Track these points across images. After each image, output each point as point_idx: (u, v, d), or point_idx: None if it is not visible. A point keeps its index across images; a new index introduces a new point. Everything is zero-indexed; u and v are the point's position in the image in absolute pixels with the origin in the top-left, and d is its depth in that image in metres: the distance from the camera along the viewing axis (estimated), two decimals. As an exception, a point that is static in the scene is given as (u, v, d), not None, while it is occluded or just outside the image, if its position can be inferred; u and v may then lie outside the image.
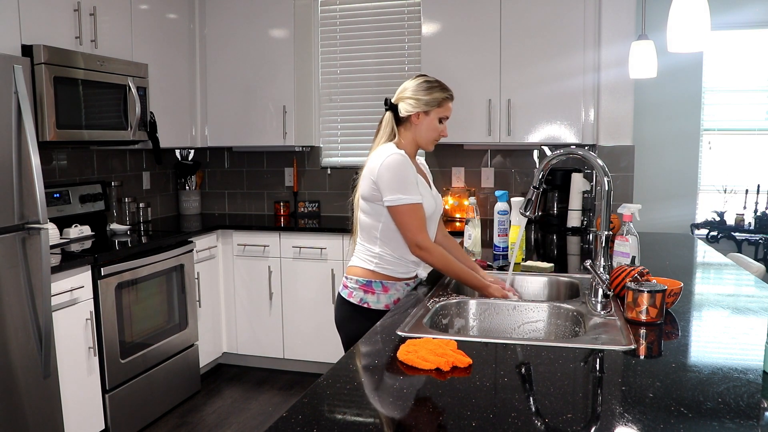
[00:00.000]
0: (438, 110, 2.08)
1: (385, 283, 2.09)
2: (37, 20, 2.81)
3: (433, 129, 2.10)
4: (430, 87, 2.08)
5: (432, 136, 2.12)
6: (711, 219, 4.41)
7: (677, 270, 2.40)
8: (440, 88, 2.09)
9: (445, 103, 2.09)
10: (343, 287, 2.15)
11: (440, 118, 2.10)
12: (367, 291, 2.09)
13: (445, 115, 2.11)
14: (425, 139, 2.12)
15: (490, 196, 4.04)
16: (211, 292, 3.85)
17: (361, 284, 2.09)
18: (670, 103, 4.43)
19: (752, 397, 1.16)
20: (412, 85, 2.09)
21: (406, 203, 1.98)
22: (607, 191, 1.77)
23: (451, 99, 2.11)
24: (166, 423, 3.28)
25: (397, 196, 1.97)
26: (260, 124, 4.07)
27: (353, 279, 2.11)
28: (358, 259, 2.13)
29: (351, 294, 2.10)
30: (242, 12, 4.04)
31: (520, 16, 3.56)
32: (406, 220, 1.99)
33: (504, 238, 2.54)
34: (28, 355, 2.44)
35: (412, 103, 2.07)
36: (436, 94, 2.07)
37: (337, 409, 1.19)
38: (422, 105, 2.06)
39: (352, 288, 2.11)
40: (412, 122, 2.09)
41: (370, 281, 2.09)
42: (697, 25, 1.73)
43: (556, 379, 1.28)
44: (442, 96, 2.08)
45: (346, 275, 2.15)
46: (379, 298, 2.08)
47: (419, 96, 2.07)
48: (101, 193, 3.61)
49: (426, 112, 2.08)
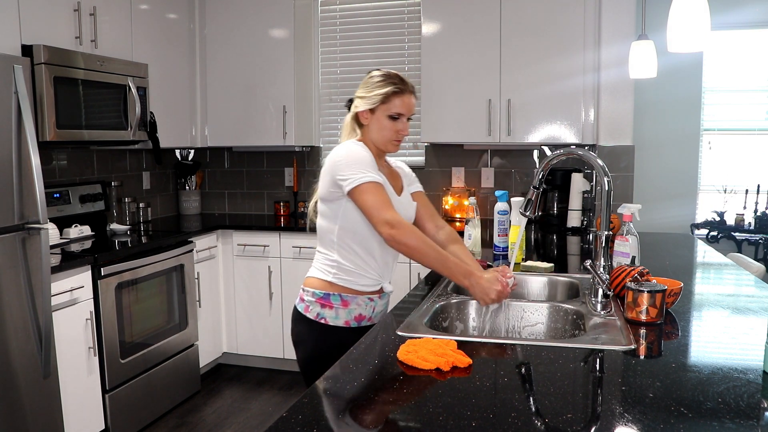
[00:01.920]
0: (384, 107, 1.86)
1: (344, 296, 1.88)
2: (37, 20, 2.81)
3: (384, 128, 1.88)
4: (375, 82, 1.88)
5: (385, 135, 1.89)
6: (711, 219, 4.41)
7: (677, 270, 2.40)
8: (386, 82, 1.86)
9: (393, 98, 1.85)
10: (299, 300, 1.94)
11: (391, 116, 1.87)
12: (324, 305, 1.87)
13: (396, 112, 1.86)
14: (378, 139, 1.90)
15: (490, 196, 4.04)
16: (211, 292, 3.85)
17: (317, 297, 1.88)
18: (670, 103, 4.43)
19: (752, 397, 1.16)
20: (363, 81, 1.92)
21: (365, 181, 1.75)
22: (607, 191, 1.77)
23: (403, 93, 1.87)
24: (166, 423, 3.28)
25: (356, 176, 1.76)
26: (260, 124, 4.07)
27: (309, 291, 1.90)
28: (315, 269, 1.93)
29: (307, 308, 1.90)
30: (242, 12, 4.04)
31: (520, 16, 3.56)
32: (368, 199, 1.75)
33: (504, 238, 2.54)
34: (28, 355, 2.44)
35: (358, 102, 1.90)
36: (379, 89, 1.86)
37: (337, 410, 1.18)
38: (365, 102, 1.88)
39: (308, 301, 1.90)
40: (362, 122, 1.91)
41: (327, 294, 1.87)
42: (697, 25, 1.73)
43: (556, 379, 1.27)
44: (386, 91, 1.85)
45: (303, 287, 1.94)
46: (338, 313, 1.88)
47: (363, 93, 1.89)
48: (101, 193, 3.61)
49: (371, 110, 1.88)
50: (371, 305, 1.93)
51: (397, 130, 1.88)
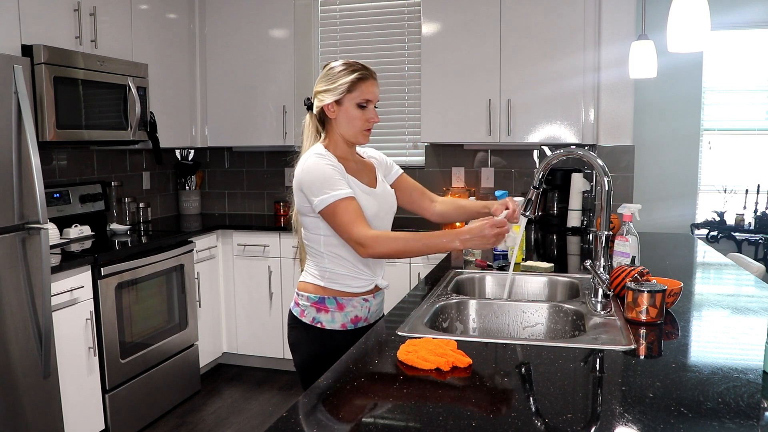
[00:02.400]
0: (351, 96, 1.79)
1: (339, 299, 1.84)
2: (37, 20, 2.81)
3: (354, 118, 1.80)
4: (337, 72, 1.80)
5: (356, 126, 1.82)
6: (711, 219, 4.41)
7: (677, 270, 2.40)
8: (348, 70, 1.80)
9: (359, 85, 1.79)
10: (294, 304, 1.91)
11: (359, 104, 1.80)
12: (320, 309, 1.84)
13: (364, 99, 1.80)
14: (349, 132, 1.83)
15: (490, 196, 4.04)
16: (211, 292, 3.85)
17: (313, 301, 1.85)
18: (670, 103, 4.42)
19: (752, 397, 1.16)
20: (320, 75, 1.84)
21: (332, 201, 1.71)
22: (607, 191, 1.77)
23: (367, 78, 1.81)
24: (166, 423, 3.28)
25: (322, 197, 1.71)
26: (260, 124, 4.07)
27: (304, 295, 1.87)
28: (308, 274, 1.89)
29: (303, 313, 1.86)
30: (242, 12, 4.04)
31: (520, 16, 3.56)
32: (337, 220, 1.72)
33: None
34: (28, 355, 2.44)
35: (320, 96, 1.82)
36: (343, 78, 1.79)
37: (337, 410, 1.19)
38: (330, 95, 1.80)
39: (303, 306, 1.86)
40: (329, 117, 1.83)
41: (322, 298, 1.84)
42: (697, 25, 1.73)
43: (556, 379, 1.28)
44: (350, 78, 1.79)
45: (297, 291, 1.91)
46: (334, 317, 1.85)
47: (325, 86, 1.81)
48: (101, 193, 3.61)
49: (338, 101, 1.80)
50: (366, 306, 1.90)
51: (367, 119, 1.82)
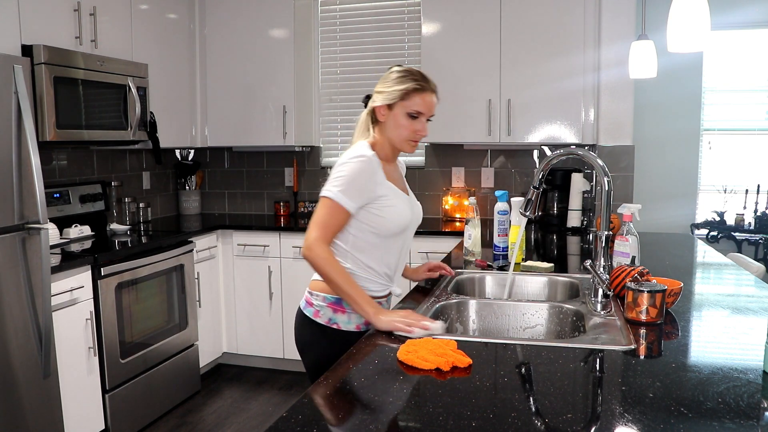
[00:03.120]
0: (403, 103, 1.78)
1: None
2: (37, 20, 2.81)
3: (401, 126, 1.79)
4: (397, 77, 1.79)
5: (401, 134, 1.80)
6: (711, 219, 4.41)
7: (677, 270, 2.40)
8: (408, 78, 1.78)
9: (414, 95, 1.77)
10: (306, 304, 1.86)
11: (410, 114, 1.79)
12: (336, 310, 1.81)
13: (416, 110, 1.78)
14: (394, 138, 1.82)
15: (490, 196, 4.04)
16: (211, 292, 3.85)
17: (329, 302, 1.81)
18: (670, 103, 4.42)
19: (752, 397, 1.16)
20: (383, 77, 1.84)
21: (330, 196, 1.71)
22: (607, 191, 1.77)
23: (424, 91, 1.79)
24: (166, 423, 3.28)
25: (334, 189, 1.71)
26: (260, 124, 4.07)
27: (320, 296, 1.82)
28: None
29: (317, 313, 1.82)
30: (242, 12, 4.04)
31: (520, 16, 3.56)
32: (321, 214, 1.73)
33: (504, 238, 2.54)
34: (28, 355, 2.44)
35: (376, 97, 1.82)
36: (401, 84, 1.77)
37: (337, 410, 1.19)
38: (384, 97, 1.79)
39: (318, 306, 1.82)
40: (379, 119, 1.82)
41: (339, 299, 1.78)
42: (697, 25, 1.73)
43: (556, 379, 1.27)
44: (407, 87, 1.77)
45: (309, 290, 1.86)
46: (350, 318, 1.81)
47: (383, 87, 1.80)
48: (101, 193, 3.61)
49: (389, 105, 1.79)
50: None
51: (414, 130, 1.80)
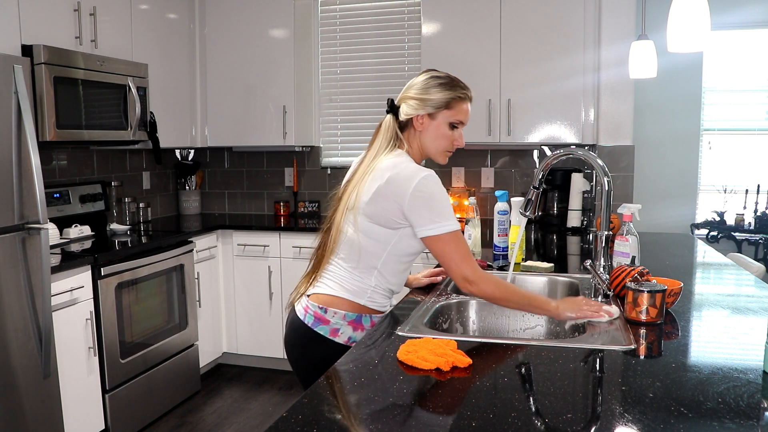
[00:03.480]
0: (447, 113, 1.70)
1: (373, 317, 1.75)
2: (37, 20, 2.81)
3: (442, 136, 1.72)
4: (439, 84, 1.70)
5: (441, 145, 1.74)
6: (711, 219, 4.41)
7: (677, 270, 2.40)
8: (450, 86, 1.70)
9: (457, 104, 1.71)
10: (316, 321, 1.70)
11: (451, 123, 1.72)
12: (356, 328, 1.71)
13: (458, 120, 1.72)
14: (433, 149, 1.74)
15: (490, 196, 4.04)
16: (211, 292, 3.84)
17: (350, 320, 1.70)
18: (670, 103, 4.43)
19: (752, 397, 1.16)
20: (417, 82, 1.73)
21: (448, 231, 1.60)
22: (607, 191, 1.77)
23: (467, 100, 1.73)
24: (166, 423, 3.28)
25: (438, 224, 1.60)
26: (260, 124, 4.07)
27: (340, 313, 1.70)
28: (344, 289, 1.71)
29: (336, 332, 1.69)
30: (242, 12, 4.04)
31: (520, 16, 3.56)
32: (449, 250, 1.60)
33: (504, 238, 2.54)
34: (28, 355, 2.44)
35: (413, 104, 1.71)
36: (444, 92, 1.69)
37: (337, 410, 1.19)
38: (425, 106, 1.70)
39: (337, 324, 1.69)
40: (415, 128, 1.73)
41: (360, 316, 1.71)
42: (697, 25, 1.73)
43: (556, 379, 1.27)
44: (452, 95, 1.70)
45: (320, 305, 1.71)
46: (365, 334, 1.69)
47: (422, 95, 1.70)
48: (101, 193, 3.61)
49: (431, 114, 1.70)
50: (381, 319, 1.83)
51: (453, 140, 1.75)
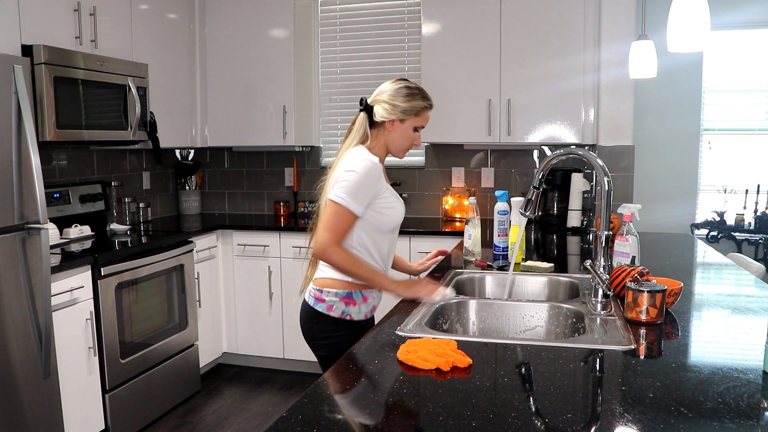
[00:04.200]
0: (415, 119, 1.99)
1: (363, 292, 2.00)
2: (37, 20, 2.81)
3: (407, 137, 2.01)
4: (410, 94, 1.97)
5: (405, 144, 2.02)
6: (711, 219, 4.41)
7: (677, 270, 2.40)
8: (421, 97, 1.99)
9: (424, 112, 2.00)
10: (316, 300, 1.99)
11: (415, 128, 2.01)
12: (348, 303, 1.98)
13: (421, 125, 2.02)
14: (397, 146, 2.02)
15: (490, 196, 4.04)
16: (211, 292, 3.84)
17: (341, 296, 1.97)
18: (670, 103, 4.42)
19: (752, 397, 1.16)
20: (390, 89, 1.98)
21: (337, 201, 1.87)
22: (607, 191, 1.77)
23: (430, 108, 2.02)
24: (166, 423, 3.28)
25: (338, 192, 1.88)
26: (260, 124, 4.07)
27: (331, 291, 1.97)
28: (333, 270, 1.97)
29: (331, 307, 1.97)
30: (242, 12, 4.04)
31: (520, 16, 3.56)
32: (332, 220, 1.88)
33: (504, 238, 2.54)
34: (28, 355, 2.44)
35: (388, 109, 1.97)
36: (415, 102, 1.97)
37: (337, 409, 1.19)
38: (399, 112, 1.96)
39: (331, 301, 1.97)
40: (386, 128, 1.99)
41: (350, 293, 1.97)
42: (697, 25, 1.73)
43: (556, 379, 1.28)
44: (422, 105, 1.99)
45: (318, 287, 2.00)
46: (360, 308, 2.00)
47: (397, 102, 1.96)
48: (101, 193, 3.61)
49: (401, 119, 1.98)
50: (379, 296, 2.09)
51: (413, 140, 2.03)
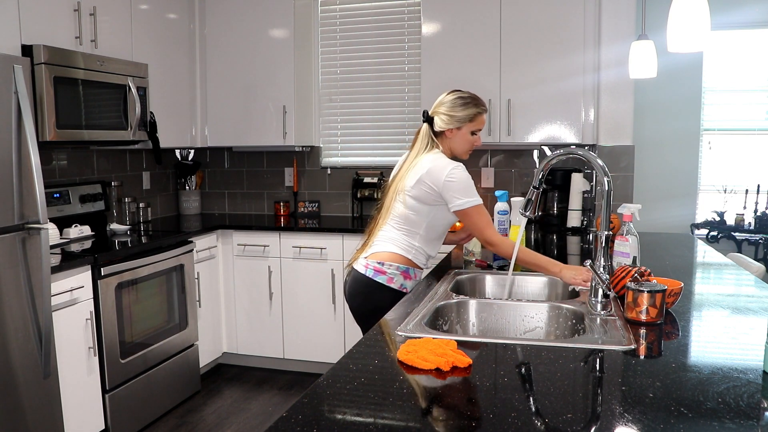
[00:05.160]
0: (470, 125, 2.25)
1: (415, 270, 2.30)
2: (37, 20, 2.81)
3: (466, 141, 2.28)
4: (464, 104, 2.25)
5: (466, 147, 2.30)
6: (711, 219, 4.41)
7: (677, 270, 2.40)
8: (473, 104, 2.26)
9: (478, 117, 2.26)
10: (375, 272, 2.24)
11: (473, 131, 2.27)
12: (406, 277, 2.26)
13: (478, 129, 2.28)
14: (460, 150, 2.30)
15: (490, 196, 4.03)
16: (211, 292, 3.85)
17: (402, 271, 2.25)
18: (670, 103, 4.42)
19: (752, 397, 1.16)
20: (447, 101, 2.26)
21: (473, 205, 2.18)
22: (607, 191, 1.77)
23: (484, 112, 2.28)
24: (166, 423, 3.28)
25: (465, 200, 2.18)
26: (260, 124, 4.07)
27: (393, 265, 2.24)
28: (396, 246, 2.26)
29: (391, 279, 2.24)
30: (242, 12, 4.04)
31: (520, 16, 3.56)
32: (475, 221, 2.20)
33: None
34: (28, 355, 2.44)
35: (445, 119, 2.25)
36: (468, 110, 2.24)
37: (337, 409, 1.19)
38: (455, 121, 2.24)
39: (392, 274, 2.24)
40: (446, 135, 2.28)
41: (408, 268, 2.26)
42: (697, 25, 1.73)
43: (556, 379, 1.28)
44: (475, 112, 2.25)
45: (379, 261, 2.25)
46: (412, 283, 2.30)
47: (452, 113, 2.24)
48: (101, 193, 3.61)
49: (459, 127, 2.25)
50: (421, 273, 2.38)
51: (473, 142, 2.30)
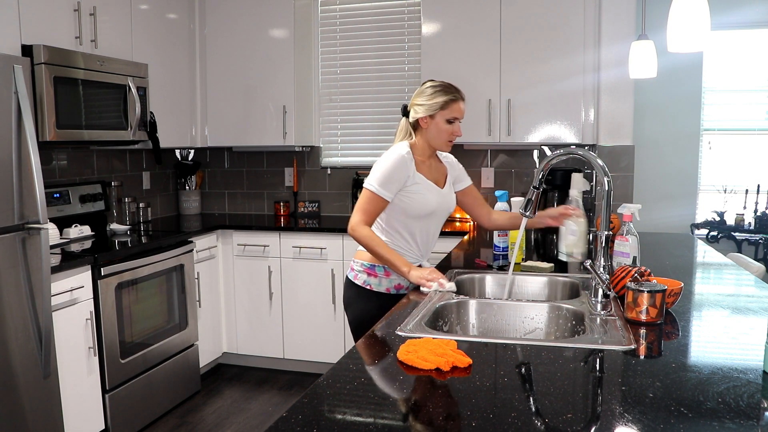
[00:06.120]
0: (443, 113, 2.15)
1: (387, 268, 2.20)
2: (37, 20, 2.81)
3: (442, 131, 2.17)
4: (434, 91, 2.16)
5: (442, 138, 2.19)
6: (711, 219, 4.41)
7: (677, 270, 2.40)
8: (443, 91, 2.15)
9: (450, 105, 2.15)
10: (349, 270, 2.29)
11: (448, 120, 2.16)
12: (370, 274, 2.22)
13: (453, 116, 2.16)
14: (436, 141, 2.20)
15: (490, 196, 4.03)
16: (211, 292, 3.84)
17: (365, 267, 2.23)
18: (670, 103, 4.42)
19: (752, 397, 1.16)
20: (420, 90, 2.19)
21: (368, 187, 2.12)
22: (607, 191, 1.77)
23: (458, 100, 2.16)
24: (166, 423, 3.28)
25: (370, 179, 2.13)
26: (260, 124, 4.07)
27: (359, 262, 2.25)
28: None
29: (356, 276, 2.25)
30: (242, 12, 4.04)
31: (520, 16, 3.56)
32: (361, 201, 2.14)
33: (504, 238, 2.54)
34: (28, 355, 2.44)
35: (417, 109, 2.18)
36: (438, 98, 2.14)
37: (337, 409, 1.19)
38: (425, 110, 2.16)
39: (357, 270, 2.25)
40: (422, 126, 2.19)
41: (373, 265, 2.22)
42: (697, 25, 1.73)
43: (556, 379, 1.28)
44: (445, 99, 2.14)
45: (353, 259, 2.29)
46: (381, 282, 2.22)
47: (422, 101, 2.16)
48: (101, 193, 3.61)
49: (431, 116, 2.16)
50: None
51: (452, 132, 2.18)
